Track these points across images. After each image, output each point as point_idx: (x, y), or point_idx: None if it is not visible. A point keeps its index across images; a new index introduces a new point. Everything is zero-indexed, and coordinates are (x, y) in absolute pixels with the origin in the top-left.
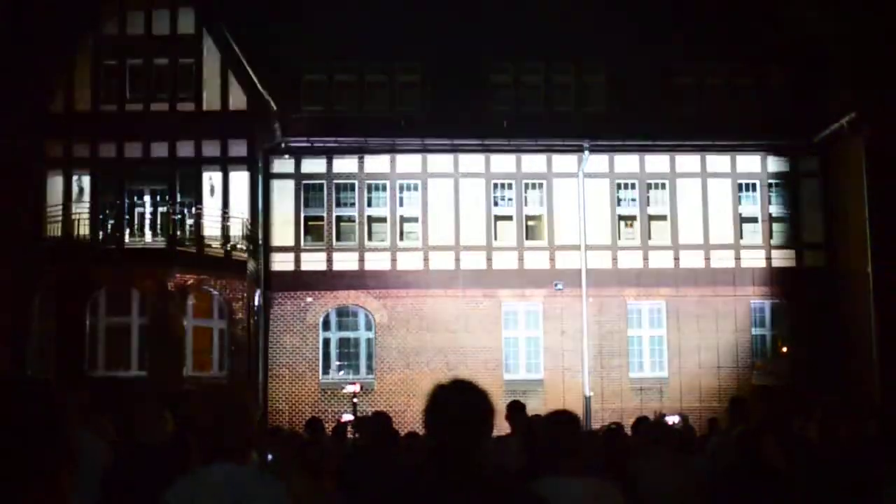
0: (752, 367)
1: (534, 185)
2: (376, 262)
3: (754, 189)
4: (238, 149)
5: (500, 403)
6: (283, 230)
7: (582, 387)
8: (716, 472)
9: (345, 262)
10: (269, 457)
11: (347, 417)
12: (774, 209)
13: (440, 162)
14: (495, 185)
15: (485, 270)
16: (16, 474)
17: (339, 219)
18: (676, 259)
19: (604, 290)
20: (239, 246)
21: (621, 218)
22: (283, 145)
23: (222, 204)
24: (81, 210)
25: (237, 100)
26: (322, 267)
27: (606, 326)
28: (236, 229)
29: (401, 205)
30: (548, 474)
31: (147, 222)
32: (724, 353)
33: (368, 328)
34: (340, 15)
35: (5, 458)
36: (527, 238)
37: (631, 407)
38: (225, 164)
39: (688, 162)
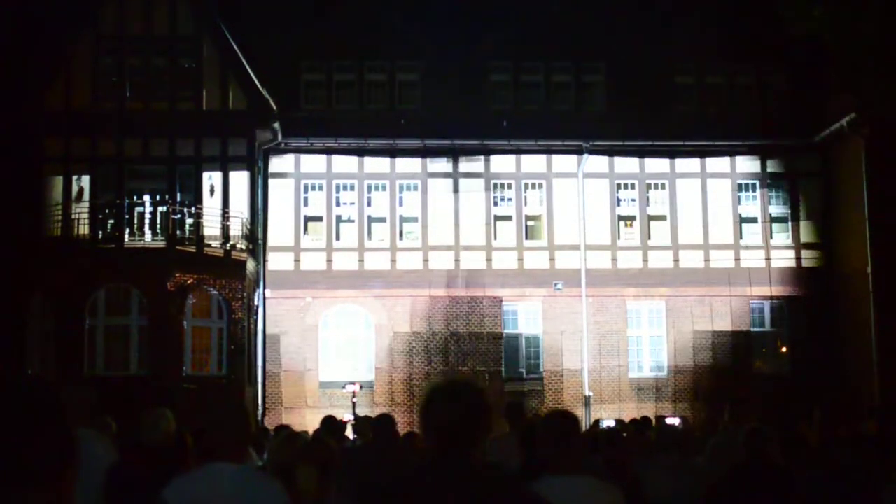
0: (751, 367)
1: (533, 186)
2: (376, 262)
3: (754, 189)
4: (238, 148)
5: (500, 403)
6: (282, 230)
7: (581, 387)
8: (721, 471)
9: (345, 262)
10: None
11: (347, 417)
12: (774, 209)
13: (440, 162)
14: (495, 185)
15: (485, 270)
16: (17, 474)
17: (338, 219)
18: (676, 259)
19: (603, 290)
20: (238, 246)
21: (621, 218)
22: (282, 145)
23: (222, 203)
24: (81, 210)
25: (237, 99)
26: (322, 267)
27: (606, 326)
28: (236, 229)
29: (401, 205)
30: (546, 473)
31: (147, 222)
32: (723, 354)
33: (368, 328)
34: (340, 15)
35: (6, 458)
36: (526, 238)
37: (630, 407)
38: (225, 163)
39: (687, 162)
